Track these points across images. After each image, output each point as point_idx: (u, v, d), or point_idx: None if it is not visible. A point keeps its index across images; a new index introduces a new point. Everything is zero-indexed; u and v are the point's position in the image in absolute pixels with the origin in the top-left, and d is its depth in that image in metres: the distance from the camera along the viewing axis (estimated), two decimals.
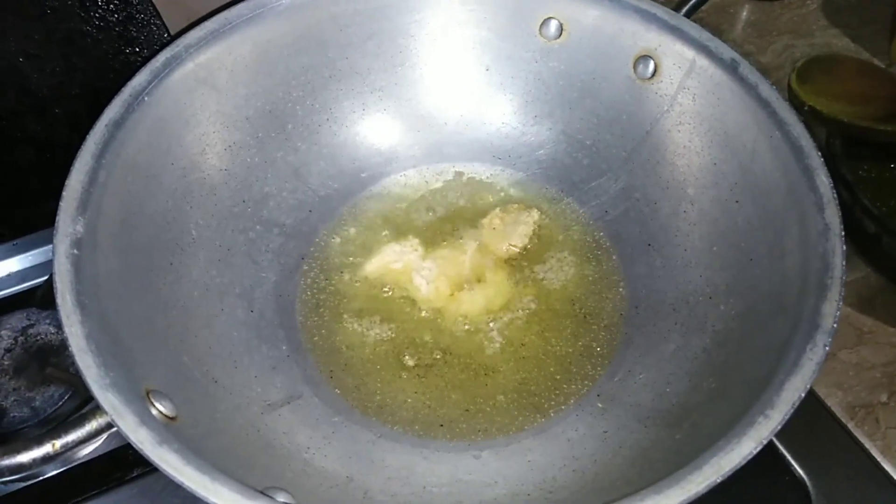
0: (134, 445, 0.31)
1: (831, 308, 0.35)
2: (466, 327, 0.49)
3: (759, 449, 0.30)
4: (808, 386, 0.32)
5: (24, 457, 0.31)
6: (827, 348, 0.34)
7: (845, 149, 0.53)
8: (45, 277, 0.56)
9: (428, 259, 0.51)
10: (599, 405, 0.44)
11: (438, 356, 0.47)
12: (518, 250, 0.52)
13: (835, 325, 0.34)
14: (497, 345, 0.48)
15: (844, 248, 0.37)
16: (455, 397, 0.46)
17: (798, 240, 0.40)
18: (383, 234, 0.53)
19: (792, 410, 0.32)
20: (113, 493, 0.47)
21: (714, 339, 0.43)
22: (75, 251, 0.37)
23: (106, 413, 0.31)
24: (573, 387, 0.46)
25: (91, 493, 0.47)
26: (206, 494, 0.29)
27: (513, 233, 0.52)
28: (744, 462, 0.30)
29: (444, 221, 0.54)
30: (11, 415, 0.48)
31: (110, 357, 0.34)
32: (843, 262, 0.37)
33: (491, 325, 0.49)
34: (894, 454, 0.47)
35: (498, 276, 0.51)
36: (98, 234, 0.39)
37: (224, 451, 0.36)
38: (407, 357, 0.47)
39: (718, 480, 0.30)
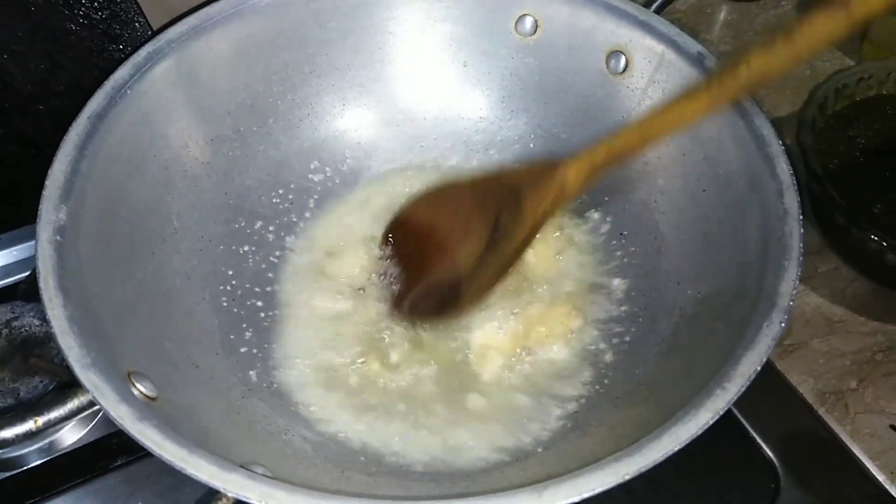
0: (115, 421, 0.31)
1: (787, 287, 0.36)
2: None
3: (715, 419, 0.32)
4: (764, 360, 0.34)
5: (7, 433, 0.32)
6: (783, 325, 0.35)
7: (816, 143, 0.54)
8: (29, 272, 0.57)
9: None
10: (572, 387, 0.46)
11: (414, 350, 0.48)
12: None
13: (791, 304, 0.36)
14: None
15: (802, 231, 0.39)
16: (432, 383, 0.47)
17: (759, 225, 0.41)
18: (363, 226, 0.54)
19: (748, 383, 0.33)
20: (97, 481, 0.48)
21: (681, 322, 0.44)
22: (58, 238, 0.38)
23: (86, 392, 0.32)
24: (546, 369, 0.47)
25: (76, 482, 0.48)
26: (185, 467, 0.30)
27: None
28: (700, 431, 0.31)
29: None
30: None
31: (92, 339, 0.35)
32: (801, 245, 0.38)
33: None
34: (862, 438, 0.48)
35: None
36: (81, 222, 0.40)
37: (204, 432, 0.36)
38: (385, 346, 0.48)
39: (676, 449, 0.31)
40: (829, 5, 0.34)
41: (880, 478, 0.47)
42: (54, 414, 0.32)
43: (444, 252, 0.46)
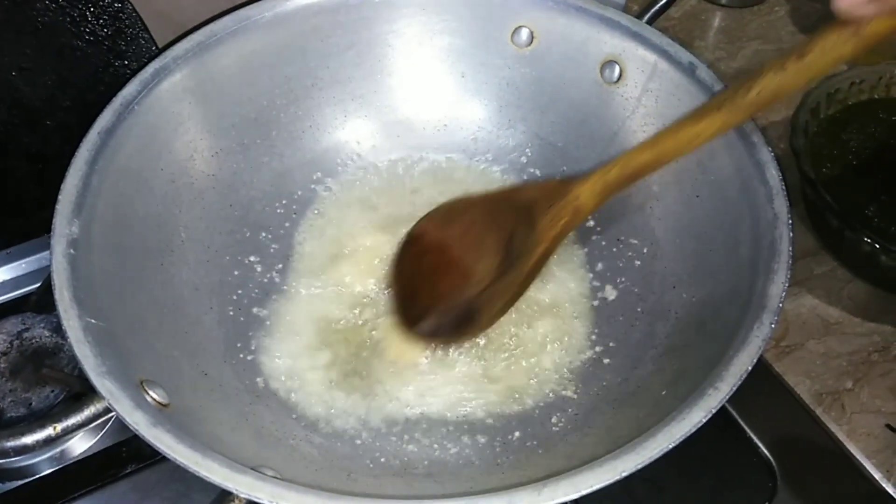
0: (130, 427, 0.33)
1: (777, 290, 0.37)
2: None
3: (708, 417, 0.33)
4: (755, 360, 0.35)
5: (28, 438, 0.33)
6: (773, 326, 0.36)
7: (809, 148, 0.55)
8: (39, 284, 0.58)
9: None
10: (572, 390, 0.47)
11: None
12: None
13: (780, 305, 0.37)
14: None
15: (791, 235, 0.40)
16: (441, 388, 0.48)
17: (750, 229, 0.42)
18: (366, 235, 0.55)
19: (739, 383, 0.34)
20: (107, 489, 0.49)
21: (676, 325, 0.45)
22: (72, 251, 0.39)
23: (101, 399, 0.33)
24: (547, 374, 0.48)
25: (86, 490, 0.49)
26: (198, 469, 0.31)
27: None
28: (694, 430, 0.33)
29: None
30: (9, 414, 0.50)
31: (106, 348, 0.36)
32: (790, 248, 0.39)
33: None
34: (858, 437, 0.49)
35: None
36: (92, 235, 0.41)
37: (214, 437, 0.37)
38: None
39: (671, 446, 0.32)
40: (839, 26, 0.34)
41: (876, 476, 0.47)
42: (71, 421, 0.34)
43: (457, 272, 0.46)
